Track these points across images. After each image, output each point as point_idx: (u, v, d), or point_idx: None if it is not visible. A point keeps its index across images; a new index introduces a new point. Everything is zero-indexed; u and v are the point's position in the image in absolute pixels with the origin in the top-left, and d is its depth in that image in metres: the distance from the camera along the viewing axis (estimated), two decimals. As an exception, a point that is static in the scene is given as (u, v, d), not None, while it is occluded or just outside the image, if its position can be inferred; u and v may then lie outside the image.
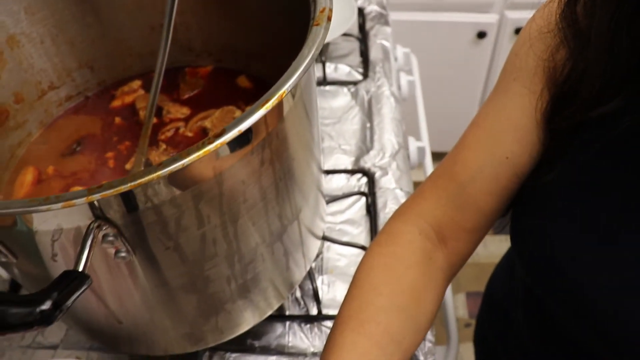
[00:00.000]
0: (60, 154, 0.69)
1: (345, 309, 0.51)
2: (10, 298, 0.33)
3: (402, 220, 0.56)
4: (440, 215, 0.54)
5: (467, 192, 0.53)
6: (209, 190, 0.42)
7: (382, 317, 0.49)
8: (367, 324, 0.49)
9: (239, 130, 0.38)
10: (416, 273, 0.52)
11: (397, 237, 0.54)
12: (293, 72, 0.42)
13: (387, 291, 0.50)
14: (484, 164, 0.52)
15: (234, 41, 0.72)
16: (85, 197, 0.35)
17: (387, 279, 0.51)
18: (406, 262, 0.52)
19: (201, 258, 0.47)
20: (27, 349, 0.70)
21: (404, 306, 0.50)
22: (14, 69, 0.66)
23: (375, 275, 0.52)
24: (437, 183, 0.56)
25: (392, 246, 0.54)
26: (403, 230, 0.54)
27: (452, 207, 0.54)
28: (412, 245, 0.53)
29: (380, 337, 0.48)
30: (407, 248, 0.53)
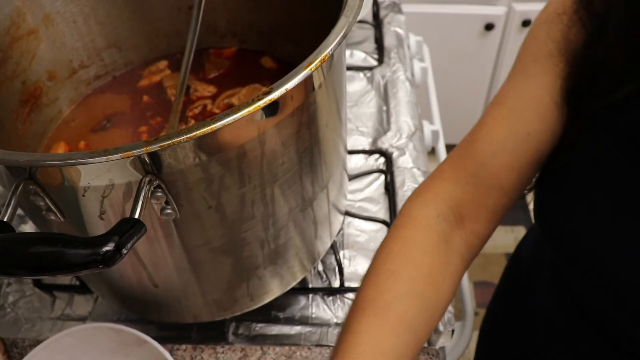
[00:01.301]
0: (91, 129, 0.71)
1: (363, 294, 0.51)
2: (75, 239, 0.36)
3: (420, 202, 0.56)
4: (460, 194, 0.54)
5: (488, 168, 0.53)
6: (252, 149, 0.44)
7: (399, 304, 0.49)
8: (384, 310, 0.48)
9: (286, 89, 0.40)
10: (434, 259, 0.52)
11: (415, 221, 0.54)
12: (333, 38, 0.44)
13: (405, 277, 0.50)
14: (505, 140, 0.53)
15: (259, 21, 0.74)
16: (144, 148, 0.37)
17: (404, 265, 0.51)
18: (424, 247, 0.52)
19: (239, 219, 0.50)
20: (57, 321, 0.72)
21: (421, 293, 0.50)
22: (48, 47, 0.68)
23: (392, 261, 0.52)
24: (457, 162, 0.56)
25: (410, 230, 0.54)
26: (421, 213, 0.54)
27: (472, 184, 0.54)
28: (429, 229, 0.53)
29: (397, 324, 0.48)
30: (424, 233, 0.53)
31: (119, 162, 0.39)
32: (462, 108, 1.78)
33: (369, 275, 0.52)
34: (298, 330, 0.68)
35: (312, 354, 0.65)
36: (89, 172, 0.41)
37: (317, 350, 0.65)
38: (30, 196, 0.44)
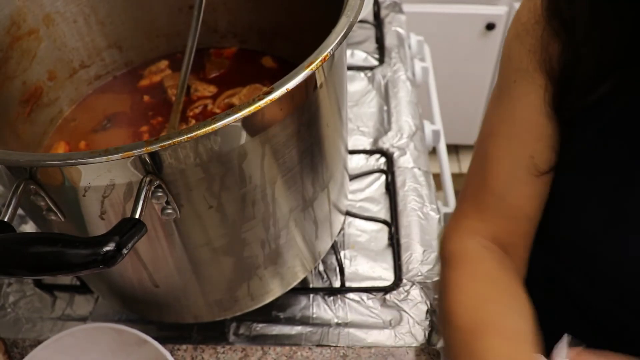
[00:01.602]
0: (92, 129, 0.71)
1: (467, 321, 0.49)
2: (75, 239, 0.36)
3: (459, 241, 0.55)
4: (492, 227, 0.55)
5: (508, 202, 0.54)
6: (253, 149, 0.44)
7: (508, 321, 0.49)
8: (497, 329, 0.48)
9: (287, 89, 0.40)
10: (507, 281, 0.52)
11: (468, 257, 0.54)
12: (334, 37, 0.44)
13: (497, 299, 0.50)
14: (513, 170, 0.53)
15: (260, 21, 0.74)
16: (144, 148, 0.37)
17: (491, 291, 0.51)
18: (494, 275, 0.52)
19: (240, 219, 0.50)
20: (58, 321, 0.72)
21: (519, 308, 0.50)
22: (49, 47, 0.68)
23: (478, 291, 0.51)
24: (476, 201, 0.56)
25: (469, 266, 0.53)
26: (466, 247, 0.54)
27: (499, 217, 0.54)
28: (483, 257, 0.53)
29: (513, 336, 0.48)
30: (484, 264, 0.53)
31: (120, 162, 0.39)
32: (463, 108, 1.78)
33: (459, 312, 0.51)
34: (299, 330, 0.68)
35: (313, 354, 0.65)
36: (89, 172, 0.41)
37: (317, 350, 0.65)
38: (31, 196, 0.44)
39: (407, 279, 0.71)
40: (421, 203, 0.78)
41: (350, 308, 0.69)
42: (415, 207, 0.77)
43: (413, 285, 0.70)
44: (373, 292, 0.70)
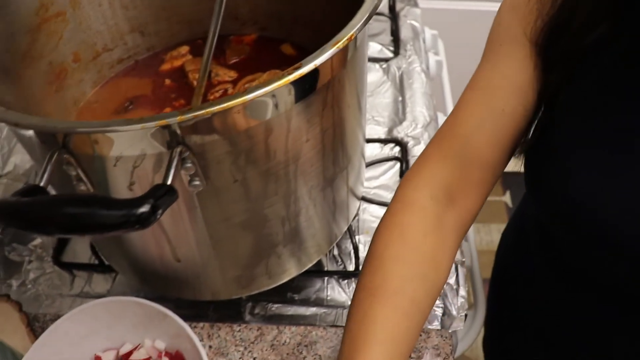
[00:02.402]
0: (114, 111, 0.72)
1: (369, 279, 0.52)
2: (110, 201, 0.37)
3: (412, 187, 0.57)
4: (448, 174, 0.56)
5: (470, 147, 0.55)
6: (279, 124, 0.45)
7: (408, 288, 0.51)
8: (395, 295, 0.50)
9: (315, 65, 0.41)
10: (433, 241, 0.54)
11: (410, 206, 0.56)
12: (360, 18, 0.45)
13: (409, 261, 0.52)
14: (483, 119, 0.55)
15: (280, 9, 0.76)
16: (178, 117, 0.38)
17: (407, 250, 0.53)
18: (422, 230, 0.54)
19: (263, 195, 0.51)
20: (77, 298, 0.73)
21: (426, 274, 0.52)
22: (74, 30, 0.70)
23: (394, 246, 0.53)
24: (441, 144, 0.58)
25: (407, 215, 0.55)
26: (415, 197, 0.56)
27: (458, 163, 0.56)
28: (425, 211, 0.55)
29: (408, 308, 0.50)
30: (421, 216, 0.55)
31: (152, 132, 0.41)
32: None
33: (372, 261, 0.53)
34: (313, 311, 0.69)
35: (328, 334, 0.66)
36: (122, 142, 0.42)
37: (332, 330, 0.67)
38: (63, 165, 0.45)
39: (420, 264, 0.72)
40: (435, 191, 0.79)
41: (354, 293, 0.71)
42: (428, 195, 0.78)
43: (426, 270, 0.71)
44: (386, 276, 0.71)
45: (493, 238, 1.83)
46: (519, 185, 2.00)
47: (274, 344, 0.66)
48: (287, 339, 0.66)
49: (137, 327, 0.62)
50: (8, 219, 0.37)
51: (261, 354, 0.65)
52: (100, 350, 0.63)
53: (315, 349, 0.65)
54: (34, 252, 0.77)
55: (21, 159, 0.87)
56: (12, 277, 0.75)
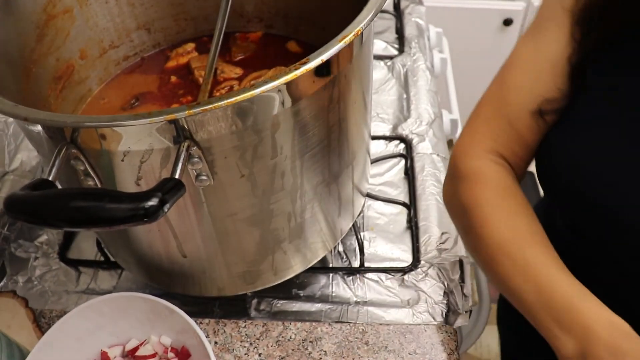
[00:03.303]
0: (120, 107, 0.73)
1: (503, 232, 0.54)
2: (119, 194, 0.37)
3: (476, 158, 0.59)
4: (502, 149, 0.59)
5: (516, 129, 0.58)
6: (286, 119, 0.46)
7: (535, 230, 0.54)
8: (533, 239, 0.53)
9: (322, 59, 0.41)
10: (521, 194, 0.57)
11: (487, 174, 0.58)
12: (366, 13, 0.45)
13: (523, 212, 0.55)
14: (526, 103, 0.57)
15: (286, 7, 0.76)
16: (187, 111, 0.39)
17: (515, 205, 0.55)
18: (512, 189, 0.57)
19: (269, 190, 0.51)
20: (82, 294, 0.74)
21: (535, 219, 0.55)
22: (81, 27, 0.70)
23: (504, 205, 0.56)
24: (490, 123, 0.59)
25: (490, 182, 0.57)
26: (485, 166, 0.58)
27: (509, 141, 0.58)
28: (502, 176, 0.57)
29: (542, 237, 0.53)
30: (502, 180, 0.57)
31: (160, 126, 0.41)
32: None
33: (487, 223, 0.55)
34: (318, 308, 0.69)
35: (333, 330, 0.66)
36: (129, 136, 0.42)
37: (337, 326, 0.67)
38: (71, 160, 0.45)
39: (425, 261, 0.72)
40: (439, 187, 0.79)
41: (369, 287, 0.71)
42: (433, 192, 0.78)
43: (431, 266, 0.71)
44: (392, 272, 0.72)
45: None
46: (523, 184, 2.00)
47: (279, 340, 0.66)
48: (292, 335, 0.66)
49: (143, 323, 0.62)
50: (18, 212, 0.37)
51: (266, 349, 0.65)
52: (107, 345, 0.63)
53: (321, 345, 0.65)
54: (40, 249, 0.78)
55: (28, 155, 0.87)
56: (18, 274, 0.75)
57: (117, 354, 0.62)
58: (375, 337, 0.66)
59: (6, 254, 0.77)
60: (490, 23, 1.58)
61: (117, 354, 0.62)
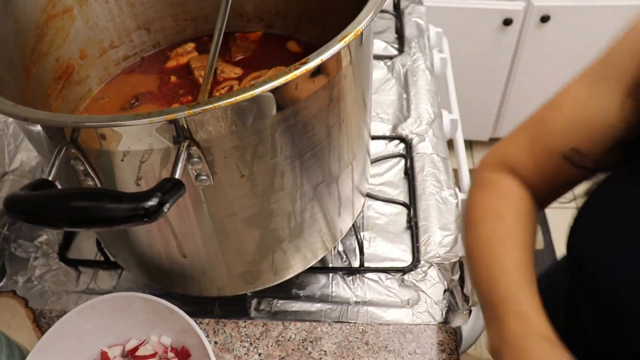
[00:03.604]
0: (120, 107, 0.73)
1: (481, 231, 0.57)
2: (118, 194, 0.37)
3: (497, 171, 0.60)
4: (524, 174, 0.59)
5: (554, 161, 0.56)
6: (285, 119, 0.46)
7: (519, 230, 0.56)
8: (510, 238, 0.55)
9: (322, 60, 0.41)
10: (528, 207, 0.58)
11: (500, 184, 0.59)
12: (366, 13, 0.45)
13: (517, 216, 0.56)
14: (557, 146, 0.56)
15: (286, 7, 0.76)
16: (187, 111, 0.39)
17: (511, 209, 0.57)
18: (518, 201, 0.58)
19: (269, 190, 0.51)
20: (82, 294, 0.74)
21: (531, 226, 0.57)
22: (81, 26, 0.70)
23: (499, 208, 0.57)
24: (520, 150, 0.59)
25: (498, 190, 0.59)
26: (503, 178, 0.59)
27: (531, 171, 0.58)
28: (514, 186, 0.58)
29: (524, 243, 0.55)
30: (513, 192, 0.58)
31: (160, 126, 0.41)
32: (478, 104, 1.79)
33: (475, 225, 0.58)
34: (318, 308, 0.69)
35: (333, 330, 0.66)
36: (129, 136, 0.42)
37: (337, 326, 0.67)
38: (71, 160, 0.45)
39: (425, 261, 0.72)
40: (439, 187, 0.79)
41: (368, 287, 0.71)
42: (433, 192, 0.78)
43: (431, 266, 0.71)
44: (391, 272, 0.72)
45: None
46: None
47: (279, 339, 0.66)
48: (292, 334, 0.66)
49: (143, 323, 0.62)
50: (18, 212, 0.37)
51: (266, 349, 0.65)
52: (107, 345, 0.63)
53: (321, 345, 0.65)
54: (40, 249, 0.78)
55: (27, 156, 0.87)
56: (18, 274, 0.75)
57: (117, 354, 0.62)
58: (375, 337, 0.66)
59: (6, 253, 0.77)
60: (490, 23, 1.58)
61: (117, 354, 0.62)
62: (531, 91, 1.74)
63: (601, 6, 1.54)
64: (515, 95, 1.77)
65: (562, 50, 1.65)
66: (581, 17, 1.56)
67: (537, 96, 1.81)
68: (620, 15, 1.56)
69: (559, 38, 1.61)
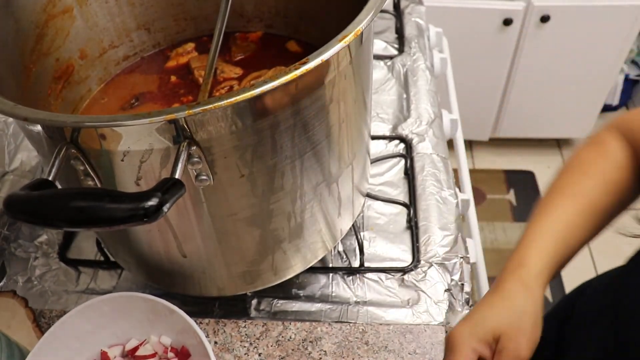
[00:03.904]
0: (120, 107, 0.73)
1: (558, 180, 0.58)
2: (118, 194, 0.37)
3: (608, 133, 0.60)
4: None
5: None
6: (286, 119, 0.46)
7: (592, 193, 0.56)
8: (577, 195, 0.56)
9: (322, 59, 0.41)
10: (626, 171, 0.58)
11: (602, 140, 0.60)
12: (366, 14, 0.45)
13: (599, 173, 0.57)
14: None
15: (286, 7, 0.76)
16: (186, 111, 0.39)
17: (600, 165, 0.58)
18: (619, 159, 0.58)
19: (269, 190, 0.51)
20: (82, 294, 0.74)
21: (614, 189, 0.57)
22: (81, 26, 0.70)
23: (588, 159, 0.59)
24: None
25: (605, 146, 0.59)
26: (609, 136, 0.60)
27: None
28: (619, 150, 0.59)
29: (587, 207, 0.55)
30: (616, 152, 0.58)
31: (160, 126, 0.41)
32: (477, 104, 1.79)
33: (567, 168, 0.59)
34: (318, 308, 0.69)
35: (333, 330, 0.66)
36: (129, 136, 0.42)
37: (337, 326, 0.67)
38: (71, 160, 0.45)
39: (425, 260, 0.72)
40: (439, 187, 0.79)
41: (368, 287, 0.71)
42: (433, 192, 0.78)
43: (431, 266, 0.71)
44: (391, 272, 0.72)
45: (497, 236, 1.83)
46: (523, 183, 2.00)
47: (279, 339, 0.66)
48: (292, 334, 0.66)
49: (143, 323, 0.62)
50: (18, 212, 0.37)
51: (266, 349, 0.65)
52: (107, 345, 0.63)
53: (321, 345, 0.65)
54: (40, 249, 0.78)
55: (27, 155, 0.87)
56: (18, 274, 0.75)
57: (117, 354, 0.62)
58: (375, 337, 0.66)
59: (6, 253, 0.77)
60: (490, 23, 1.58)
61: (117, 354, 0.62)
62: (531, 91, 1.74)
63: (601, 6, 1.54)
64: (515, 95, 1.77)
65: (562, 50, 1.65)
66: (581, 17, 1.56)
67: (537, 96, 1.81)
68: (620, 15, 1.56)
69: (559, 38, 1.61)
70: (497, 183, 2.00)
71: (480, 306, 0.52)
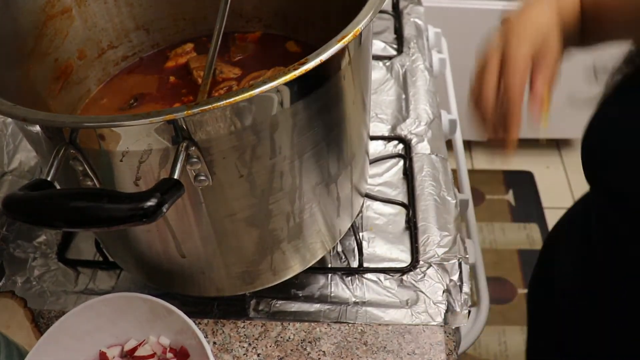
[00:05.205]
0: (119, 108, 0.73)
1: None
2: (117, 194, 0.37)
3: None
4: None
5: None
6: (284, 120, 0.46)
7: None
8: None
9: (321, 60, 0.41)
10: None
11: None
12: (365, 14, 0.45)
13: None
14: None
15: (285, 7, 0.76)
16: (185, 112, 0.39)
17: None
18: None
19: (268, 190, 0.51)
20: (81, 295, 0.74)
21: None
22: (80, 27, 0.70)
23: None
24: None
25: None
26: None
27: None
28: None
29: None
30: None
31: (159, 126, 0.41)
32: (477, 104, 1.79)
33: None
34: (317, 308, 0.69)
35: (332, 330, 0.66)
36: (129, 136, 0.43)
37: (336, 326, 0.67)
38: (70, 161, 0.45)
39: (424, 261, 0.72)
40: (438, 188, 0.79)
41: (367, 288, 0.71)
42: (432, 192, 0.78)
43: (430, 266, 0.71)
44: (390, 272, 0.72)
45: (496, 237, 1.83)
46: (521, 184, 2.00)
47: (278, 340, 0.66)
48: (291, 335, 0.66)
49: (141, 323, 0.62)
50: (16, 212, 0.37)
51: (265, 350, 0.65)
52: (105, 346, 0.63)
53: (320, 345, 0.65)
54: (39, 249, 0.78)
55: (26, 156, 0.87)
56: (17, 274, 0.75)
57: (115, 354, 0.62)
58: (374, 338, 0.66)
59: (5, 254, 0.77)
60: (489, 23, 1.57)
61: (116, 354, 0.62)
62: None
63: (600, 6, 1.54)
64: (514, 95, 1.76)
65: (561, 51, 1.64)
66: (580, 17, 1.56)
67: (536, 96, 1.80)
68: (619, 15, 1.56)
69: (557, 38, 1.61)
70: (496, 183, 2.00)
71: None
